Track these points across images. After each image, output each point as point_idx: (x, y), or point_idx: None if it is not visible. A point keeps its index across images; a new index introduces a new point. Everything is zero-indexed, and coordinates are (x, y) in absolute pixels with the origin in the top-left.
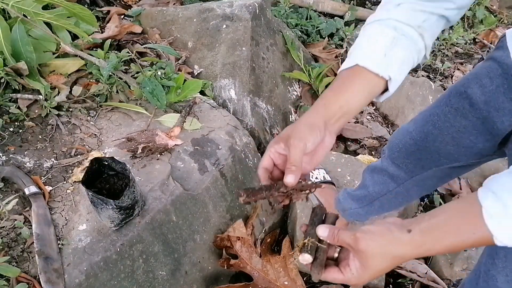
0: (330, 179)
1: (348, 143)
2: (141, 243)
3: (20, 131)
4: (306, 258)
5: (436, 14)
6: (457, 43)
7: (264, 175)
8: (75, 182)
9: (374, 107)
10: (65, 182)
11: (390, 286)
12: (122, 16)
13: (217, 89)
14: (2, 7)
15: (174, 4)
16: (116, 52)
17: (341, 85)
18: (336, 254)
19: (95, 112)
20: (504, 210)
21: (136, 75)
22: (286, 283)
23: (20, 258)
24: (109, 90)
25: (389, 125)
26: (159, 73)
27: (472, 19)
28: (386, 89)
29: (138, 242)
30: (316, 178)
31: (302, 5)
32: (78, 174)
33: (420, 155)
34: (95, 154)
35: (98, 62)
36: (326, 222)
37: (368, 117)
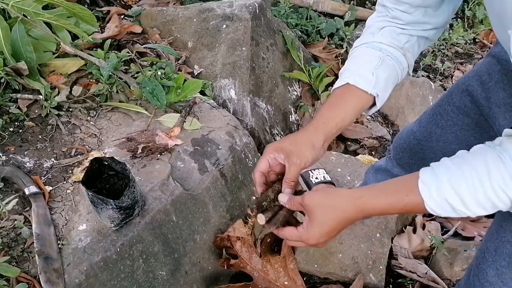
0: (330, 179)
1: (348, 143)
2: (141, 243)
3: (20, 131)
4: (261, 218)
5: (416, 35)
6: (457, 43)
7: (260, 179)
8: (75, 182)
9: None
10: (65, 182)
11: (390, 286)
12: (122, 16)
13: (217, 89)
14: (2, 7)
15: (174, 4)
16: (116, 52)
17: (336, 102)
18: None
19: (95, 112)
20: (436, 180)
21: (136, 75)
22: (286, 283)
23: (20, 258)
24: (109, 90)
25: (389, 125)
26: (159, 73)
27: (472, 19)
28: (374, 103)
29: (138, 242)
30: (316, 178)
31: (302, 5)
32: (78, 174)
33: (424, 155)
34: (95, 154)
35: (98, 62)
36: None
37: (368, 117)
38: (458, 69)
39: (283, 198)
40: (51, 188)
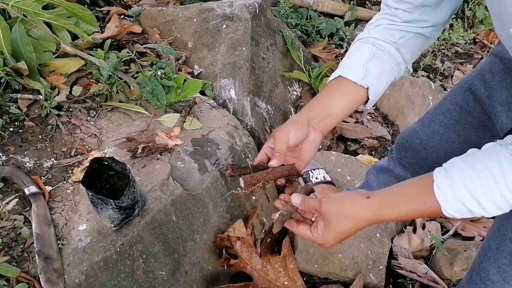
0: (330, 179)
1: (348, 143)
2: (141, 243)
3: (20, 131)
4: (272, 216)
5: (412, 32)
6: (457, 43)
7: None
8: (75, 182)
9: (374, 107)
10: (65, 182)
11: (390, 286)
12: (122, 16)
13: (217, 89)
14: (2, 7)
15: (174, 4)
16: (116, 52)
17: (326, 92)
18: (313, 219)
19: (95, 112)
20: (450, 183)
21: (136, 75)
22: (286, 283)
23: (20, 258)
24: (109, 90)
25: (389, 125)
26: (159, 73)
27: (472, 19)
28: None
29: (138, 242)
30: (316, 178)
31: (302, 5)
32: (78, 174)
33: (427, 154)
34: (95, 154)
35: (98, 62)
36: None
37: (368, 117)
38: (458, 69)
39: (295, 199)
40: (51, 188)
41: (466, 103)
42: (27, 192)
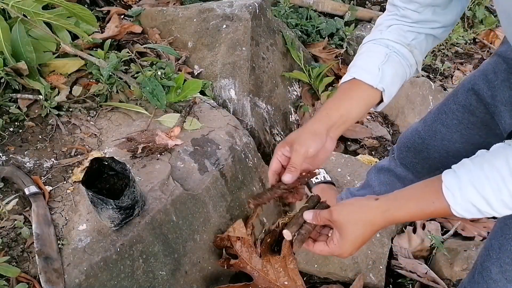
0: (330, 179)
1: (348, 143)
2: (141, 243)
3: (20, 131)
4: (287, 234)
5: (423, 33)
6: (457, 43)
7: (273, 177)
8: (75, 182)
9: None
10: (65, 182)
11: (390, 286)
12: (122, 16)
13: (217, 89)
14: (2, 7)
15: (174, 4)
16: (116, 52)
17: (341, 96)
18: (329, 234)
19: (95, 112)
20: (459, 183)
21: (136, 75)
22: (286, 283)
23: (20, 258)
24: (109, 90)
25: (389, 125)
26: (159, 73)
27: (472, 19)
28: (381, 99)
29: (138, 242)
30: (316, 178)
31: (302, 5)
32: (78, 174)
33: (428, 154)
34: (95, 154)
35: (98, 62)
36: (317, 208)
37: (368, 117)
38: (458, 69)
39: (307, 215)
40: (51, 188)
41: (469, 103)
42: (27, 192)
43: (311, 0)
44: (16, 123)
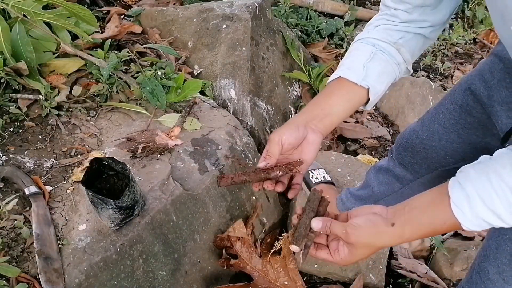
0: (330, 179)
1: (348, 143)
2: (141, 243)
3: (20, 131)
4: (295, 249)
5: (412, 32)
6: (457, 43)
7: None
8: (75, 182)
9: (374, 107)
10: (65, 182)
11: (390, 286)
12: (122, 16)
13: (217, 89)
14: (2, 7)
15: (174, 4)
16: (116, 52)
17: (325, 93)
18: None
19: (95, 112)
20: (467, 199)
21: (136, 75)
22: (286, 283)
23: (20, 258)
24: (109, 90)
25: (389, 125)
26: (159, 73)
27: (472, 19)
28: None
29: (138, 242)
30: (316, 178)
31: (302, 5)
32: (78, 174)
33: (426, 154)
34: (95, 154)
35: (98, 62)
36: (321, 207)
37: (368, 117)
38: (458, 69)
39: (316, 224)
40: (51, 188)
41: (465, 103)
42: (27, 192)
43: (311, 0)
44: (16, 123)
